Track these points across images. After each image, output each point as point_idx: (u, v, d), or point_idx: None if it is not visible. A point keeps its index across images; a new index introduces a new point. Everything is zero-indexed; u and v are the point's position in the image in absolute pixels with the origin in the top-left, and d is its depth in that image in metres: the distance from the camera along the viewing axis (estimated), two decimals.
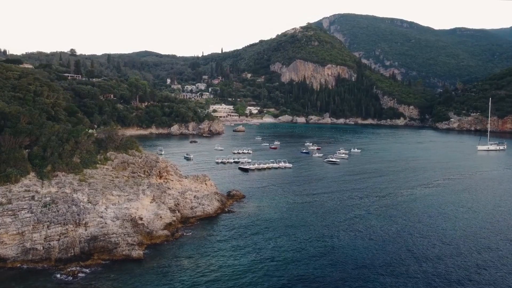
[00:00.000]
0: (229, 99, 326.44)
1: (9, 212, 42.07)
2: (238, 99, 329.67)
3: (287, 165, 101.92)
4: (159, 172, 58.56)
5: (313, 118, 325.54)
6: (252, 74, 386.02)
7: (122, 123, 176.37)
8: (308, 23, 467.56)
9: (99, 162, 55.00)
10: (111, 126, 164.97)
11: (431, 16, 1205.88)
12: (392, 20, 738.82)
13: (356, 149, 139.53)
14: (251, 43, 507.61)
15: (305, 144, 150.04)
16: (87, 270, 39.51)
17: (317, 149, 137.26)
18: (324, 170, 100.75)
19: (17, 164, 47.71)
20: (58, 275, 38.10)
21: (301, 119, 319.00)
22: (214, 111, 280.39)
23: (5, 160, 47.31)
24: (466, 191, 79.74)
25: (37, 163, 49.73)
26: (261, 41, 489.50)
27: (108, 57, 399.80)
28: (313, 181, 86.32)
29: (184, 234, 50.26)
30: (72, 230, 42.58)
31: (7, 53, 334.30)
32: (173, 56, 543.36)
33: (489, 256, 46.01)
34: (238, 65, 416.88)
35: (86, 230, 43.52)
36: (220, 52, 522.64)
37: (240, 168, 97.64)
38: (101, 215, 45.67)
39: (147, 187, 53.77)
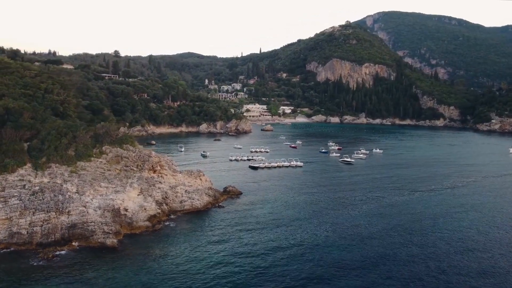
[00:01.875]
0: (263, 98, 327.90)
1: (1, 199, 46.08)
2: (272, 99, 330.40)
3: (298, 164, 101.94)
4: (152, 166, 61.17)
5: (348, 118, 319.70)
6: (287, 74, 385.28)
7: (154, 121, 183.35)
8: (347, 22, 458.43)
9: (94, 155, 58.41)
10: (142, 124, 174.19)
11: (481, 13, 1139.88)
12: (439, 17, 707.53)
13: (378, 149, 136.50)
14: (290, 42, 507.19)
15: (328, 143, 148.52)
16: (63, 253, 42.68)
17: (338, 149, 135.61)
18: (335, 170, 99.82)
19: (15, 156, 51.94)
20: (35, 258, 41.39)
21: (334, 119, 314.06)
22: (247, 110, 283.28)
23: (4, 151, 51.66)
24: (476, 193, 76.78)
25: (34, 155, 53.75)
26: (299, 41, 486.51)
27: (150, 58, 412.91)
28: (316, 180, 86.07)
29: (166, 225, 52.49)
30: (54, 217, 45.92)
31: (57, 54, 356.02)
32: (214, 57, 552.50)
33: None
34: (274, 65, 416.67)
35: (68, 217, 46.74)
36: (258, 52, 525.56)
37: (250, 166, 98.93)
38: (85, 205, 48.77)
39: (136, 180, 56.50)
